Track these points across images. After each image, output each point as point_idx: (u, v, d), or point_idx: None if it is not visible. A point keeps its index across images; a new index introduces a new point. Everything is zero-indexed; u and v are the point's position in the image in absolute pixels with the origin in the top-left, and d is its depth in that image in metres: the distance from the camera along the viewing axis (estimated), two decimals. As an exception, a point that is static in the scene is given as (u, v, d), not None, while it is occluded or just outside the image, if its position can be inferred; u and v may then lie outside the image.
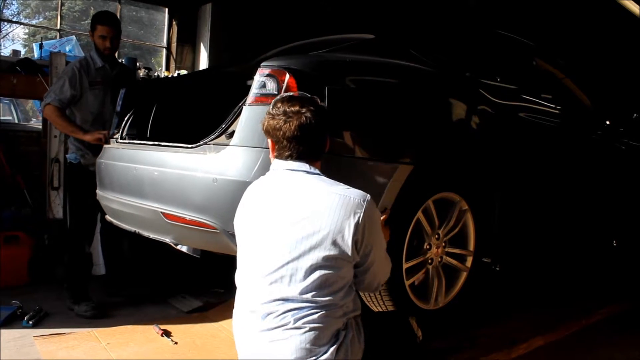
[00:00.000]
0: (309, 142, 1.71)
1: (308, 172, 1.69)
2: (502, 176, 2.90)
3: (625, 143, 4.05)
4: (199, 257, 2.50)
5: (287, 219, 1.61)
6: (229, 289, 3.57)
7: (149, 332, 2.88)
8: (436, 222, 2.60)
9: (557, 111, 3.44)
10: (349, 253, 1.58)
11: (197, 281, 3.77)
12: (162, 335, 2.82)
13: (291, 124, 1.67)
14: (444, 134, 2.64)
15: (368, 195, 1.65)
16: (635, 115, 4.05)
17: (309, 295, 1.54)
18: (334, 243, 1.56)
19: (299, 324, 1.53)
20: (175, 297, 3.54)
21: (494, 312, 3.25)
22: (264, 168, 2.06)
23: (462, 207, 2.70)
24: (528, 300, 3.59)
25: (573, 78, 3.79)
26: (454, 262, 2.75)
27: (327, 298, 1.56)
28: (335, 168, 2.15)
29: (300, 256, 1.56)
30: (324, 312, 1.55)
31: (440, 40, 3.19)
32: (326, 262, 1.56)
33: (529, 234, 3.41)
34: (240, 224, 1.77)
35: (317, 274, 1.55)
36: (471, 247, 2.80)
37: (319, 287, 1.55)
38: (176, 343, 2.76)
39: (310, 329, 1.53)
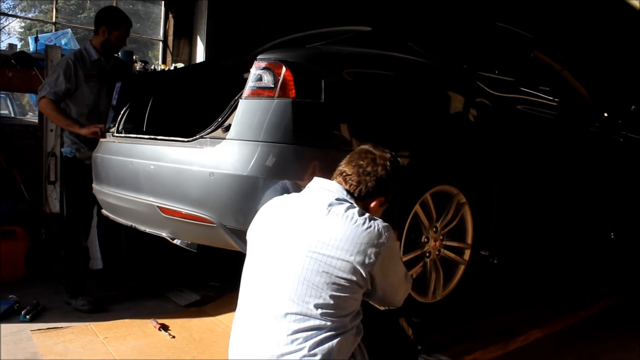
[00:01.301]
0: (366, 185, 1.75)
1: (340, 199, 1.69)
2: (500, 169, 2.89)
3: (623, 135, 4.04)
4: (195, 251, 2.49)
5: (310, 238, 1.59)
6: (226, 283, 3.58)
7: (146, 326, 2.88)
8: (434, 215, 2.60)
9: (555, 104, 3.43)
10: (367, 280, 1.60)
11: (195, 275, 3.77)
12: (159, 329, 2.82)
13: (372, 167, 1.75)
14: (442, 126, 2.63)
15: (389, 225, 1.65)
16: (633, 107, 4.05)
17: (323, 315, 1.54)
18: (353, 269, 1.56)
19: (315, 351, 1.51)
20: (173, 291, 3.54)
21: (491, 305, 3.26)
22: (261, 162, 2.06)
23: (460, 200, 2.70)
24: (526, 293, 3.59)
25: (571, 70, 3.78)
26: (451, 255, 2.75)
27: (339, 319, 1.56)
28: (332, 161, 2.15)
29: (319, 276, 1.55)
30: (336, 333, 1.55)
31: (438, 33, 3.17)
32: (344, 285, 1.56)
33: (527, 227, 3.41)
34: (259, 233, 1.75)
35: (334, 295, 1.55)
36: (469, 240, 2.79)
37: (335, 307, 1.55)
38: (174, 337, 2.76)
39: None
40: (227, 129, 2.18)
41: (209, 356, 2.59)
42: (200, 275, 3.77)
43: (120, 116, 3.08)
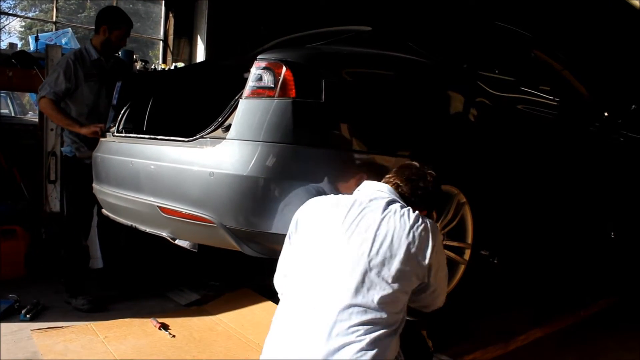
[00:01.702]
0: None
1: (394, 200, 1.81)
2: (501, 169, 2.89)
3: (623, 135, 4.04)
4: (196, 251, 2.49)
5: (372, 233, 1.68)
6: (226, 282, 3.59)
7: (146, 326, 2.88)
8: (434, 215, 2.59)
9: (556, 103, 3.43)
10: (425, 271, 1.71)
11: (195, 274, 3.77)
12: (159, 329, 2.82)
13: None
14: (442, 126, 2.62)
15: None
16: (633, 107, 4.04)
17: (383, 308, 1.60)
18: (415, 260, 1.67)
19: (373, 345, 1.55)
20: (173, 291, 3.54)
21: (491, 305, 3.26)
22: (261, 162, 2.06)
23: (460, 199, 2.69)
24: (526, 293, 3.59)
25: (571, 70, 3.77)
26: (451, 254, 2.74)
27: (394, 315, 1.63)
28: (332, 161, 2.15)
29: (382, 268, 1.63)
30: (390, 331, 1.61)
31: (438, 32, 3.17)
32: (404, 277, 1.65)
33: (527, 226, 3.41)
34: (313, 230, 1.79)
35: (394, 287, 1.62)
36: (469, 239, 2.79)
37: (393, 300, 1.63)
38: (174, 336, 2.76)
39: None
40: (227, 128, 2.18)
41: (209, 355, 2.59)
42: (200, 274, 3.78)
43: (120, 116, 3.08)
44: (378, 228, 1.68)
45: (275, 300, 3.00)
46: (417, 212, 1.76)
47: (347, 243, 1.68)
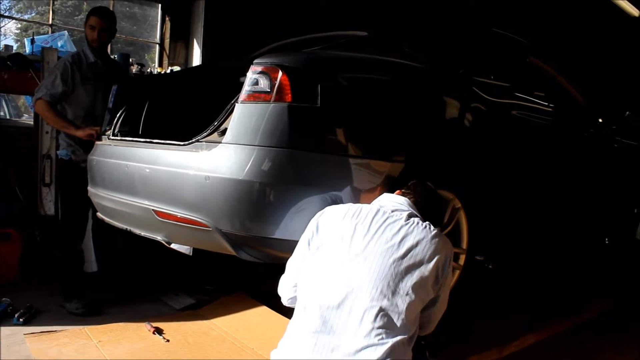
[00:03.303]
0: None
1: (414, 215, 1.88)
2: (496, 174, 2.90)
3: (617, 141, 4.06)
4: (191, 255, 2.48)
5: (395, 242, 1.73)
6: (221, 287, 3.58)
7: (140, 330, 2.86)
8: (429, 220, 2.60)
9: (550, 109, 3.45)
10: (439, 283, 1.77)
11: (189, 278, 3.76)
12: (154, 333, 2.81)
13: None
14: (437, 131, 2.63)
15: None
16: (627, 113, 4.07)
17: (404, 313, 1.64)
18: (434, 270, 1.72)
19: (394, 352, 1.58)
20: (168, 295, 3.53)
21: (486, 310, 3.26)
22: (257, 166, 2.06)
23: (455, 205, 2.70)
24: (520, 298, 3.60)
25: (566, 76, 3.79)
26: (446, 260, 2.74)
27: (413, 323, 1.69)
28: (328, 166, 2.15)
29: (402, 277, 1.68)
30: (407, 338, 1.65)
31: (434, 38, 3.18)
32: (424, 286, 1.71)
33: (522, 232, 3.42)
34: (335, 232, 1.81)
35: (414, 296, 1.68)
36: (464, 245, 2.79)
37: (411, 311, 1.67)
38: (168, 341, 2.75)
39: None
40: (223, 132, 2.18)
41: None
42: (195, 278, 3.77)
43: (116, 119, 3.08)
44: (404, 237, 1.74)
45: (271, 305, 3.01)
46: (434, 227, 1.83)
47: (372, 249, 1.72)
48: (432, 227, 1.81)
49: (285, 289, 1.94)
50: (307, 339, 1.66)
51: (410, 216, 1.84)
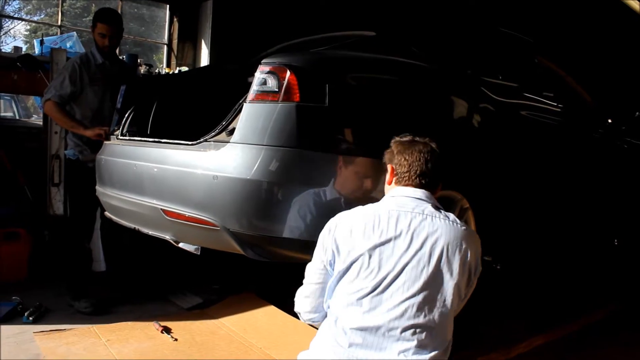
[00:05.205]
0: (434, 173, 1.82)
1: (433, 205, 1.75)
2: (504, 175, 2.89)
3: (627, 142, 4.04)
4: (199, 254, 2.49)
5: (417, 257, 1.63)
6: (229, 286, 3.58)
7: (148, 329, 2.87)
8: (437, 221, 2.59)
9: (559, 109, 3.43)
10: (468, 286, 1.72)
11: (197, 278, 3.77)
12: (162, 332, 2.82)
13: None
14: (445, 131, 2.62)
15: None
16: (637, 113, 4.04)
17: (440, 329, 1.60)
18: (461, 279, 1.65)
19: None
20: (175, 294, 3.54)
21: (494, 311, 3.24)
22: (264, 166, 2.06)
23: (463, 205, 2.69)
24: (529, 299, 3.58)
25: (575, 76, 3.77)
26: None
27: (449, 335, 1.65)
28: (336, 166, 2.15)
29: (436, 294, 1.62)
30: (443, 351, 1.61)
31: (442, 38, 3.17)
32: (453, 302, 1.64)
33: (531, 233, 3.40)
34: (355, 245, 1.68)
35: (446, 311, 1.62)
36: (472, 245, 2.78)
37: (447, 322, 1.63)
38: (176, 340, 2.76)
39: None
40: (231, 132, 2.18)
41: (211, 359, 2.59)
42: (203, 278, 3.78)
43: (124, 119, 3.10)
44: (433, 245, 1.64)
45: (279, 304, 3.01)
46: (457, 218, 1.74)
47: (404, 267, 1.62)
48: (458, 223, 1.70)
49: (306, 309, 1.84)
50: (340, 352, 1.62)
51: (433, 209, 1.71)
